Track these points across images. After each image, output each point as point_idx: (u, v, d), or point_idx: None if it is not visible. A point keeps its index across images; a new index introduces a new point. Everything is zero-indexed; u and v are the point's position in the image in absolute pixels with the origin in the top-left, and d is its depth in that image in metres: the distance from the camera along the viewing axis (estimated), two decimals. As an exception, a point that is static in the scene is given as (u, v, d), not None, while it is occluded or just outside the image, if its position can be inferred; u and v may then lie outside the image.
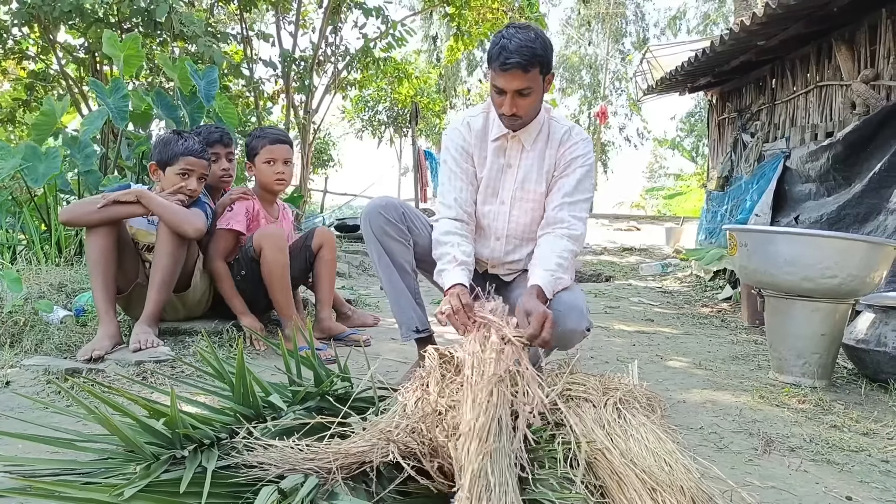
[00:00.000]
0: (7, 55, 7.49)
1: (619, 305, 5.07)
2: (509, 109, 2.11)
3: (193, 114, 4.65)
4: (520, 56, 2.00)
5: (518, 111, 2.12)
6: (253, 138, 3.03)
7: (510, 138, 2.27)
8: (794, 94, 5.51)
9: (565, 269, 2.15)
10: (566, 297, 2.12)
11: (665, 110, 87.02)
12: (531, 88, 2.08)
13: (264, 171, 2.99)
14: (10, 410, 1.78)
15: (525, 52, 2.01)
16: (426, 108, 16.56)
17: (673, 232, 10.76)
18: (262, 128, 3.16)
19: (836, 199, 4.40)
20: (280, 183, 3.03)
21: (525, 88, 2.07)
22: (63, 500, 1.14)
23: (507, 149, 2.29)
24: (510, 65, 2.01)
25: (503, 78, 2.06)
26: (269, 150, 2.97)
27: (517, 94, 2.08)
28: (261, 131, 3.07)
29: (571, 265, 2.23)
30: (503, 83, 2.07)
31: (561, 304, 2.09)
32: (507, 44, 2.02)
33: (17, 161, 3.95)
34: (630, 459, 1.49)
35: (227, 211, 2.93)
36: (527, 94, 2.09)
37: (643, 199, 24.76)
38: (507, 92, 2.08)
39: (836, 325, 2.70)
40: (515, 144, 2.27)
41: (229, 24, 10.93)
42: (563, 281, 2.12)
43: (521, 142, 2.26)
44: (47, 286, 3.19)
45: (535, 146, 2.27)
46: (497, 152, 2.29)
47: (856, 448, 1.98)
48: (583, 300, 2.16)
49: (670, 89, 7.71)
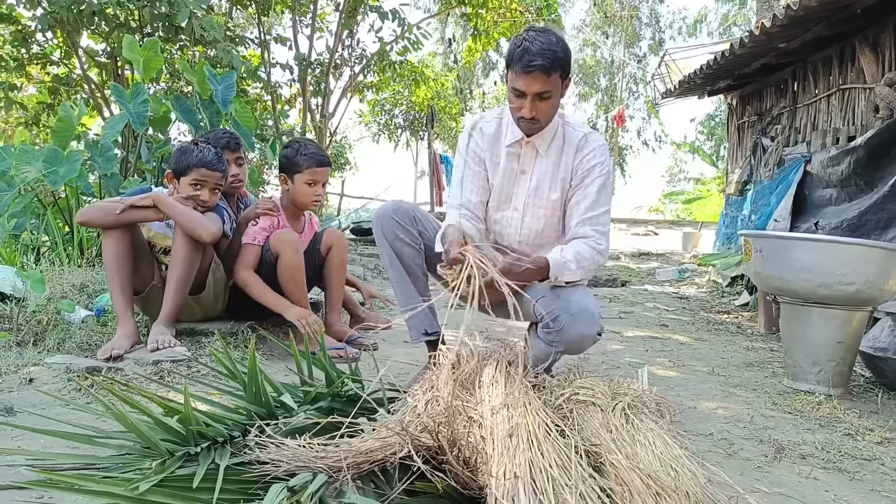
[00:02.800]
0: (32, 60, 7.62)
1: (634, 311, 5.06)
2: (529, 113, 2.11)
3: (212, 118, 4.71)
4: (543, 59, 2.01)
5: (537, 114, 2.12)
6: (296, 154, 2.94)
7: (524, 144, 2.27)
8: (816, 97, 5.46)
9: (583, 267, 2.16)
10: (577, 301, 2.13)
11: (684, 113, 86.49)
12: (551, 92, 2.09)
13: (303, 190, 2.96)
14: (33, 407, 1.82)
15: (548, 55, 2.01)
16: (443, 111, 16.60)
17: (690, 237, 10.70)
18: (302, 142, 3.04)
19: (858, 205, 4.35)
20: (316, 204, 3.04)
21: (545, 91, 2.08)
22: (82, 493, 1.17)
23: (521, 155, 2.29)
24: (534, 67, 2.01)
25: (524, 80, 2.06)
26: (314, 172, 2.93)
27: (537, 98, 2.08)
28: (304, 148, 2.97)
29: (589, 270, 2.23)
30: (524, 85, 2.07)
31: (572, 308, 2.10)
32: (529, 46, 2.02)
33: (41, 165, 4.04)
34: (636, 464, 1.50)
35: (251, 224, 2.92)
36: (547, 98, 2.10)
37: (662, 203, 24.58)
38: (527, 95, 2.08)
39: (853, 333, 2.68)
40: (530, 150, 2.28)
41: (248, 27, 11.06)
42: (572, 273, 2.12)
43: (535, 147, 2.26)
44: (69, 286, 3.26)
45: (550, 152, 2.27)
46: (510, 158, 2.30)
47: (869, 457, 1.97)
48: (594, 305, 2.16)
49: (689, 92, 7.67)
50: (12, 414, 1.76)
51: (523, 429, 1.40)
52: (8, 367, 2.14)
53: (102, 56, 7.37)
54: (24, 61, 7.47)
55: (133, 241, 2.64)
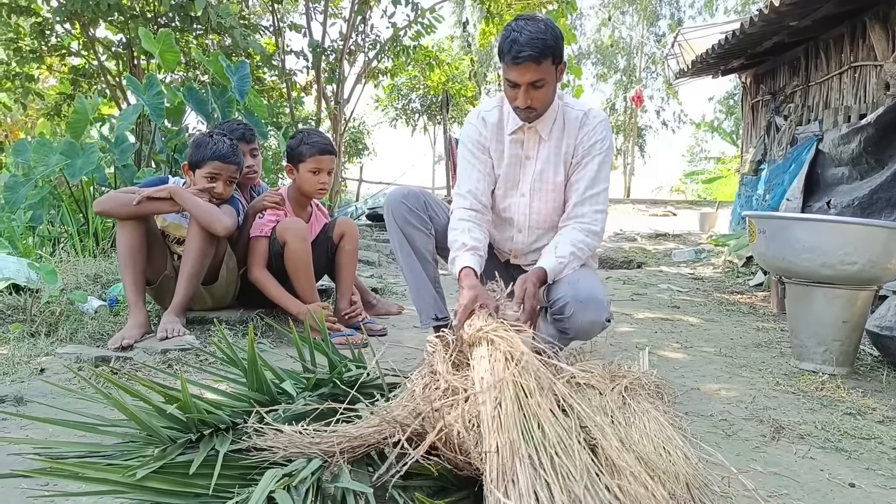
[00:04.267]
0: (51, 52, 7.72)
1: (647, 293, 5.05)
2: (524, 102, 2.12)
3: (224, 108, 4.75)
4: (531, 48, 2.01)
5: (533, 103, 2.13)
6: (300, 144, 2.98)
7: (527, 130, 2.28)
8: (828, 75, 5.39)
9: (579, 258, 2.19)
10: (586, 288, 2.14)
11: (703, 92, 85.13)
12: (544, 80, 2.09)
13: (308, 179, 2.99)
14: (43, 396, 1.89)
15: (537, 44, 2.01)
16: (458, 94, 16.54)
17: (707, 217, 10.61)
18: (306, 132, 3.09)
19: (869, 183, 4.31)
20: (321, 192, 3.06)
21: (538, 80, 2.08)
22: (82, 480, 1.22)
23: (524, 141, 2.30)
24: (522, 58, 2.02)
25: (516, 71, 2.07)
26: (317, 160, 2.96)
27: (531, 87, 2.09)
28: (308, 137, 3.00)
29: (588, 256, 2.26)
30: (516, 76, 2.08)
31: (581, 295, 2.12)
32: (517, 37, 2.03)
33: (58, 158, 4.12)
34: (629, 446, 1.53)
35: (258, 217, 2.96)
36: (540, 86, 2.10)
37: (682, 183, 24.35)
38: (520, 85, 2.09)
39: (858, 312, 2.67)
40: (533, 136, 2.29)
41: (263, 15, 11.07)
42: (571, 268, 2.16)
43: (538, 132, 2.28)
44: (83, 277, 3.33)
45: (552, 135, 2.28)
46: (514, 145, 2.31)
47: (868, 436, 1.97)
48: (602, 291, 2.18)
49: (702, 72, 7.59)
50: (23, 404, 1.82)
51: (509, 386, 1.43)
52: (21, 357, 2.21)
53: (119, 47, 7.44)
54: (43, 53, 7.56)
55: (147, 232, 2.69)
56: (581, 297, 2.10)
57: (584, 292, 2.12)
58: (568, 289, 2.14)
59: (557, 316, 2.17)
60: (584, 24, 30.58)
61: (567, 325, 2.16)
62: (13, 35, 7.39)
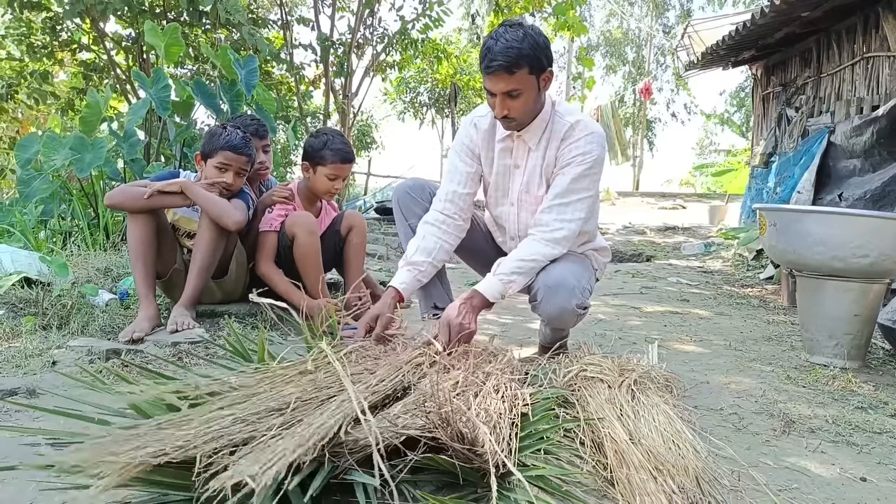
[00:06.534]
0: (62, 46, 7.75)
1: (656, 286, 5.04)
2: (500, 112, 2.06)
3: (232, 102, 4.76)
4: (504, 58, 1.94)
5: (510, 112, 2.06)
6: (324, 147, 2.95)
7: (515, 138, 2.22)
8: (840, 66, 5.34)
9: (525, 272, 2.13)
10: (557, 273, 2.11)
11: (714, 84, 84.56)
12: (520, 90, 2.01)
13: (323, 182, 2.99)
14: (55, 388, 1.90)
15: (510, 54, 1.94)
16: (466, 86, 16.50)
17: (717, 210, 10.57)
18: (331, 134, 3.04)
19: (881, 175, 4.28)
20: (332, 196, 3.09)
21: (513, 90, 2.01)
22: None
23: (513, 149, 2.24)
24: (493, 67, 1.96)
25: (489, 80, 2.01)
26: (338, 168, 2.96)
27: (506, 96, 2.02)
28: (332, 142, 2.97)
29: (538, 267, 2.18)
30: (490, 85, 2.02)
31: (550, 280, 2.10)
32: (492, 45, 1.97)
33: (68, 152, 4.14)
34: (637, 440, 1.52)
35: (267, 212, 2.97)
36: (516, 96, 2.02)
37: (692, 176, 24.24)
38: (496, 94, 2.03)
39: (870, 305, 2.65)
40: (521, 145, 2.22)
41: (271, 9, 11.08)
42: (517, 284, 2.12)
43: (525, 142, 2.21)
44: (94, 270, 3.35)
45: (540, 145, 2.20)
46: (504, 153, 2.26)
47: (879, 430, 1.96)
48: (575, 277, 2.13)
49: (713, 64, 7.54)
50: (35, 396, 1.84)
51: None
52: (33, 350, 2.23)
53: (128, 41, 7.47)
54: (54, 48, 7.60)
55: (157, 226, 2.70)
56: (550, 283, 2.08)
57: (554, 278, 2.10)
58: (542, 274, 2.13)
59: (532, 302, 2.17)
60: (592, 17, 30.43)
61: (539, 311, 2.16)
62: (25, 30, 7.42)
